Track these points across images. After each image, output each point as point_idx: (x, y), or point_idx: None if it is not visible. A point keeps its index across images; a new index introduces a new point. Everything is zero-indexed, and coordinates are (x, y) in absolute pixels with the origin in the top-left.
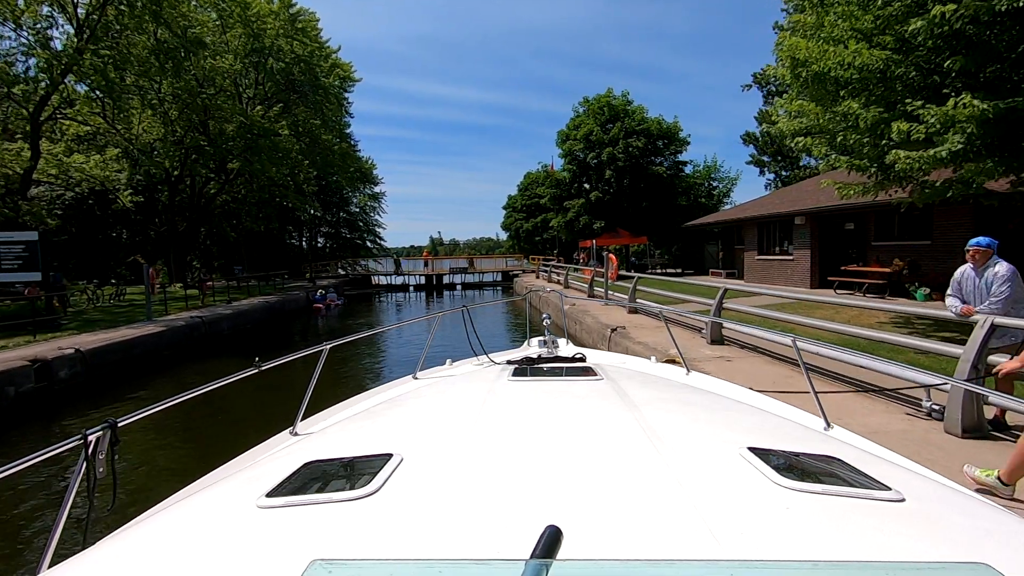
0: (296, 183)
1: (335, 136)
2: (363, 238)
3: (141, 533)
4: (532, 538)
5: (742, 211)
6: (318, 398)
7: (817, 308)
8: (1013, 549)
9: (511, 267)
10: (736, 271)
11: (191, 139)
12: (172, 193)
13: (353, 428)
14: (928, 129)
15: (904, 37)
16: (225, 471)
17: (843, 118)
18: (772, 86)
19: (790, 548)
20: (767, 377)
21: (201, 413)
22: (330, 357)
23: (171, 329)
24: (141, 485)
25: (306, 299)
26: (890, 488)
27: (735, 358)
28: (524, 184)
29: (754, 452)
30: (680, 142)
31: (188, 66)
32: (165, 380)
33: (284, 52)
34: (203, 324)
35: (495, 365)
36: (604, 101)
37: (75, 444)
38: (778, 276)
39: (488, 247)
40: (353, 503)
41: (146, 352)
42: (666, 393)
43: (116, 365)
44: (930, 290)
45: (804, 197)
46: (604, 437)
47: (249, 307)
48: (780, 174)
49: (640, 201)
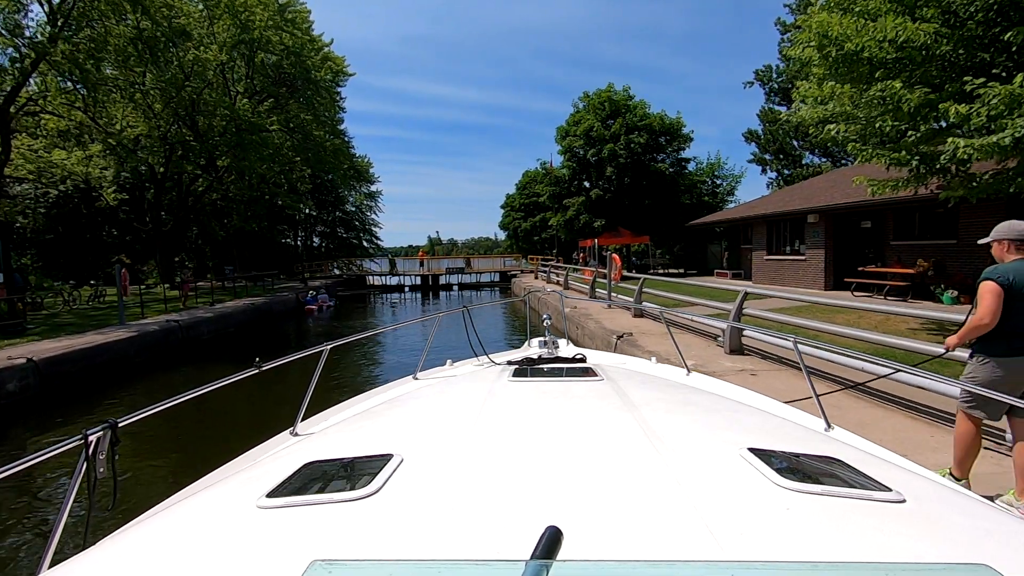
0: (289, 181)
1: (327, 132)
2: (359, 238)
3: (141, 533)
4: (532, 538)
5: (750, 209)
6: (307, 399)
7: (837, 312)
8: (1013, 549)
9: (509, 267)
10: (743, 272)
11: (175, 134)
12: (158, 191)
13: (353, 428)
14: (991, 111)
15: (952, 9)
16: (225, 471)
17: (880, 102)
18: (775, 83)
19: (790, 549)
20: (801, 395)
21: (201, 413)
22: (312, 362)
23: (143, 334)
24: (141, 484)
25: (296, 300)
26: (890, 489)
27: (760, 371)
28: (523, 183)
29: (754, 453)
30: (683, 138)
31: (171, 56)
32: (130, 392)
33: (273, 44)
34: (180, 328)
35: (495, 365)
36: (605, 96)
37: (75, 444)
38: (789, 277)
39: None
40: (353, 503)
41: (112, 360)
42: (666, 394)
43: (76, 375)
44: (958, 292)
45: (817, 194)
46: (604, 438)
47: (233, 309)
48: (782, 172)
49: (642, 199)
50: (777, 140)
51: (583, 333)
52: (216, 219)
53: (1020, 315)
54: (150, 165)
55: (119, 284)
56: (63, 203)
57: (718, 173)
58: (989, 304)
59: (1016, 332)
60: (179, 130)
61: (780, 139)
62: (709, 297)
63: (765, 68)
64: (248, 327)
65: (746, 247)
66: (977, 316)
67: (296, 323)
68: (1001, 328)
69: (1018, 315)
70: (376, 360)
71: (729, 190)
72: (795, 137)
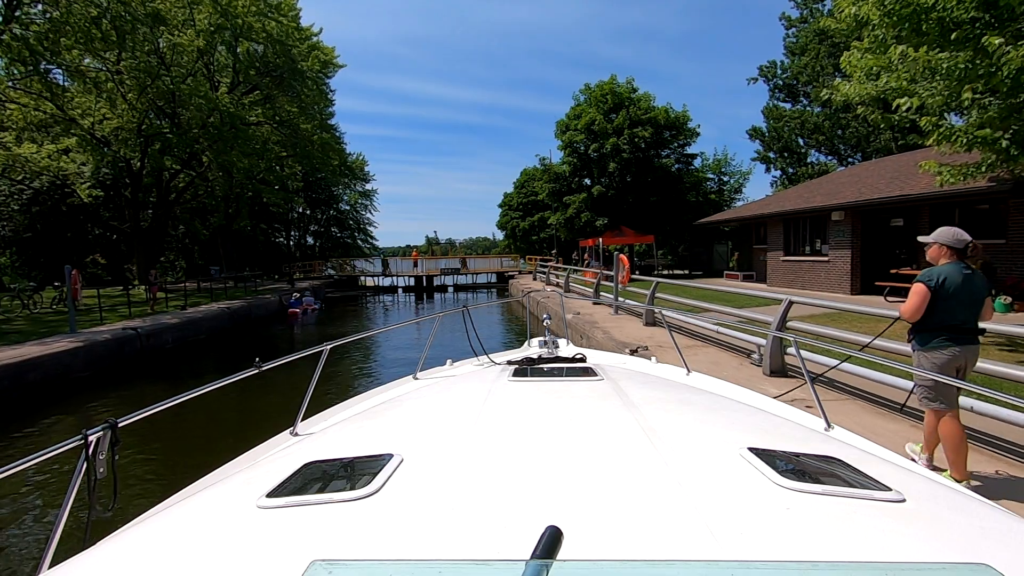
0: (279, 178)
1: (315, 126)
2: (354, 237)
3: (141, 533)
4: (532, 538)
5: (764, 206)
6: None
7: (881, 322)
8: (1013, 549)
9: (506, 268)
10: (754, 274)
11: (149, 126)
12: (135, 186)
13: (353, 428)
14: None
15: None
16: (225, 471)
17: (967, 67)
18: (779, 80)
19: (790, 548)
20: (891, 439)
21: (201, 413)
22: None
23: (92, 344)
24: (141, 484)
25: (279, 303)
26: (890, 488)
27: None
28: (520, 181)
29: (754, 452)
30: (688, 133)
31: (141, 40)
32: (59, 417)
33: (256, 31)
34: (138, 337)
35: (495, 365)
36: (607, 88)
37: (75, 444)
38: (810, 280)
39: (484, 247)
40: (353, 503)
41: (48, 377)
42: (666, 393)
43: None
44: (1011, 299)
45: (841, 189)
46: (604, 437)
47: (204, 314)
48: (786, 171)
49: (646, 197)
50: (782, 137)
51: (590, 344)
52: (199, 217)
53: (947, 313)
54: (126, 159)
55: (68, 287)
56: (42, 200)
57: (725, 169)
58: (913, 303)
59: (943, 327)
60: (155, 122)
61: (785, 136)
62: (723, 301)
63: (769, 64)
64: (221, 334)
65: (759, 247)
66: (901, 309)
67: (280, 328)
68: (929, 323)
69: (945, 312)
70: (376, 360)
71: (736, 188)
72: (801, 134)
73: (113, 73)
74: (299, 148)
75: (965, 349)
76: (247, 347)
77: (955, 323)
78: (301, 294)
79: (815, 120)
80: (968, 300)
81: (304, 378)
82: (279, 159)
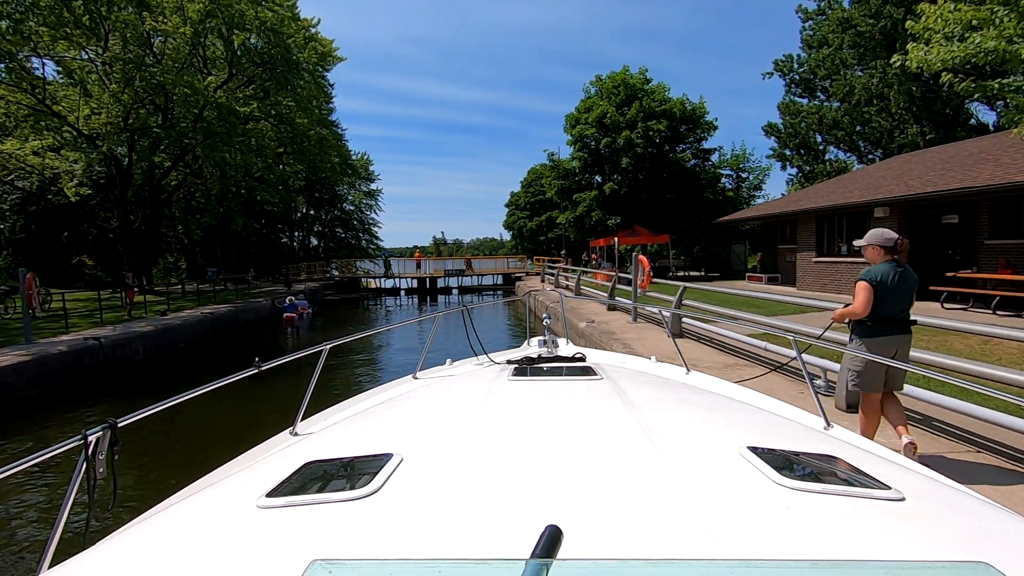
0: (279, 176)
1: (312, 121)
2: (359, 238)
3: (141, 533)
4: (532, 538)
5: (792, 202)
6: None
7: (948, 335)
8: (1013, 549)
9: (513, 269)
10: (779, 276)
11: (136, 119)
12: (124, 185)
13: (353, 428)
14: None
15: None
16: (225, 471)
17: None
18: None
19: (790, 548)
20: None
21: (201, 413)
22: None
23: (43, 357)
24: (141, 484)
25: (271, 308)
26: (890, 487)
27: (928, 457)
28: (528, 180)
29: (754, 451)
30: (705, 127)
31: (120, 24)
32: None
33: (248, 19)
34: (101, 348)
35: (495, 365)
36: (620, 80)
37: (75, 444)
38: (846, 283)
39: (492, 247)
40: (353, 503)
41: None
42: (666, 393)
43: None
44: None
45: (881, 184)
46: (604, 437)
47: (184, 321)
48: (803, 168)
49: (661, 194)
50: (799, 134)
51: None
52: (192, 216)
53: (886, 306)
54: (114, 155)
55: (23, 292)
56: (35, 200)
57: (743, 165)
58: (861, 299)
59: (882, 319)
60: (143, 115)
61: (802, 133)
62: (752, 307)
63: (785, 58)
64: (203, 342)
65: (784, 247)
66: (851, 307)
67: (272, 334)
68: (872, 316)
69: (884, 306)
70: (376, 360)
71: (756, 184)
72: (819, 130)
73: (97, 64)
74: (296, 144)
75: (900, 337)
76: (229, 357)
77: (892, 315)
78: (295, 298)
79: (834, 115)
80: (903, 294)
81: (303, 378)
82: (277, 157)
